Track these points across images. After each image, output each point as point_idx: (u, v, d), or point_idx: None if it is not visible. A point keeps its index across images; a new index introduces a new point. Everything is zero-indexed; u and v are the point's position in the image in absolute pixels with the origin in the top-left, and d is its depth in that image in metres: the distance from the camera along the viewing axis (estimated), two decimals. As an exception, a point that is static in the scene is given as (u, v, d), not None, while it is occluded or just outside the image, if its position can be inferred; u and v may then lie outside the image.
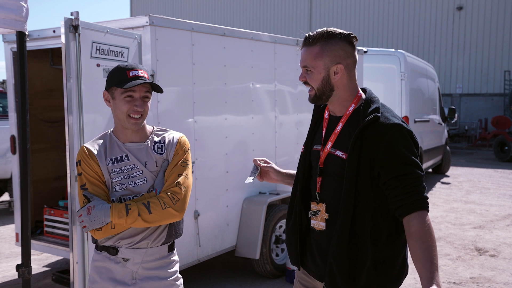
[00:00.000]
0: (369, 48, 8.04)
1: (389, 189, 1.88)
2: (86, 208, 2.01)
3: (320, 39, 1.95)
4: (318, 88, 1.98)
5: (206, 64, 4.43)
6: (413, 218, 1.84)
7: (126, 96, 2.05)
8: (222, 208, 4.69)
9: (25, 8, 3.06)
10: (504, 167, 14.20)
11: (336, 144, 1.99)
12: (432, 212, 8.26)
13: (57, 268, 5.36)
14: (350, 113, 2.00)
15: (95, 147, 2.13)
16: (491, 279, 5.09)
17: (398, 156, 1.87)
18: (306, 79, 2.00)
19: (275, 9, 27.50)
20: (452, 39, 22.79)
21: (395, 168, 1.86)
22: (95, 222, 1.99)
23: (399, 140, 1.88)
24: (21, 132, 3.15)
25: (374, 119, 1.90)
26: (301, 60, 2.01)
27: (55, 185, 5.36)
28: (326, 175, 2.01)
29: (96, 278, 2.15)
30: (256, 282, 4.96)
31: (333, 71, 1.95)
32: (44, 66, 5.15)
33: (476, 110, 22.19)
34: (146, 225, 2.03)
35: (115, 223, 2.00)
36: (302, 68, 2.01)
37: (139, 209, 1.99)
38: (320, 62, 1.94)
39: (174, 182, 2.07)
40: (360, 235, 1.91)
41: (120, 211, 1.98)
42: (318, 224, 2.03)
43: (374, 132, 1.89)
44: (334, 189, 1.97)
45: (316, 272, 2.06)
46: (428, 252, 1.79)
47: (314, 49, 1.95)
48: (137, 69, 2.08)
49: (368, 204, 1.91)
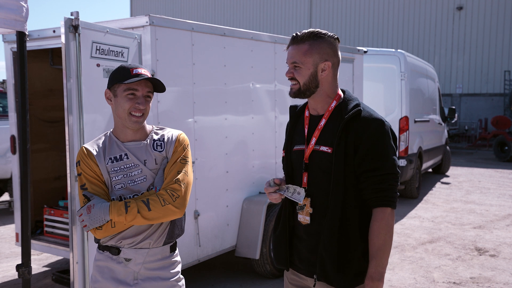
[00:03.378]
0: (369, 48, 8.04)
1: (361, 182, 1.98)
2: (86, 207, 2.01)
3: (308, 38, 2.04)
4: (304, 83, 2.04)
5: (206, 64, 4.43)
6: (375, 212, 1.97)
7: (128, 94, 2.06)
8: (222, 208, 4.69)
9: (25, 8, 3.06)
10: (504, 167, 14.20)
11: (320, 140, 2.05)
12: (432, 212, 8.26)
13: (57, 268, 5.36)
14: (332, 109, 2.08)
15: (94, 148, 2.13)
16: (491, 279, 5.09)
17: (376, 150, 1.97)
18: (293, 75, 2.06)
19: (275, 9, 27.49)
20: (452, 39, 22.79)
21: (371, 161, 1.96)
22: (95, 220, 1.99)
23: (380, 135, 1.98)
24: (21, 132, 3.14)
25: (357, 112, 2.00)
26: (289, 57, 2.07)
27: (55, 185, 5.36)
28: (312, 171, 2.07)
29: (98, 278, 2.15)
30: (256, 282, 4.96)
31: (321, 68, 2.04)
32: (44, 66, 5.15)
33: (476, 110, 22.19)
34: (146, 223, 2.03)
35: (115, 221, 2.00)
36: (290, 64, 2.07)
37: (138, 206, 1.99)
38: (309, 58, 2.02)
39: (174, 179, 2.07)
40: (350, 226, 1.98)
41: (119, 208, 1.98)
42: (304, 218, 2.09)
43: (357, 125, 1.98)
44: (320, 184, 2.04)
45: (304, 268, 2.11)
46: (377, 248, 1.94)
47: (303, 47, 2.03)
48: (140, 68, 2.10)
49: (356, 195, 2.00)
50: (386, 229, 1.94)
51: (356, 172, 1.98)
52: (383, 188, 1.95)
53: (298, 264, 2.14)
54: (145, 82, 2.09)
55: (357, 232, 1.98)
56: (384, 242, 1.94)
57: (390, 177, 1.96)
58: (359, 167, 1.97)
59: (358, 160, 1.96)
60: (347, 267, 1.97)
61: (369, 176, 1.96)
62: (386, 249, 1.95)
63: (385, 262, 1.97)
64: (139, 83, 2.07)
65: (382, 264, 1.95)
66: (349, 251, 1.98)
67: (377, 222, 1.95)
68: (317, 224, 2.04)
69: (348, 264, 1.97)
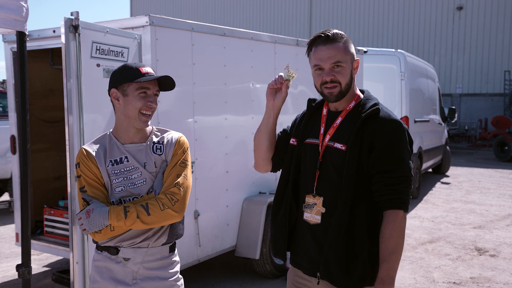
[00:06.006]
0: (369, 48, 8.04)
1: (374, 183, 1.94)
2: (85, 211, 2.01)
3: (339, 37, 1.99)
4: (346, 83, 2.00)
5: (206, 64, 4.43)
6: (387, 215, 1.92)
7: (141, 92, 2.06)
8: (222, 208, 4.69)
9: (25, 8, 3.06)
10: (504, 167, 14.20)
11: (334, 137, 2.01)
12: (432, 212, 8.26)
13: (57, 268, 5.36)
14: (351, 109, 2.04)
15: (94, 149, 2.12)
16: (491, 279, 5.09)
17: (392, 152, 1.93)
18: (335, 76, 1.97)
19: (275, 9, 27.49)
20: (452, 39, 22.79)
21: (385, 162, 1.92)
22: (94, 225, 1.99)
23: (396, 136, 1.94)
24: (21, 132, 3.14)
25: (375, 111, 1.96)
26: (325, 57, 1.97)
27: (55, 185, 5.36)
28: (325, 169, 2.02)
29: (97, 278, 2.15)
30: (256, 282, 4.96)
31: (354, 66, 2.03)
32: (44, 66, 5.15)
33: (476, 110, 22.19)
34: (145, 227, 2.03)
35: (114, 225, 2.00)
36: (331, 65, 1.96)
37: (138, 211, 1.99)
38: (348, 56, 2.00)
39: (173, 182, 2.06)
40: (358, 226, 1.94)
41: (118, 213, 1.98)
42: (312, 217, 2.03)
43: (374, 124, 1.94)
44: (333, 182, 1.99)
45: (308, 267, 2.06)
46: (389, 252, 1.89)
47: (340, 45, 1.99)
48: (146, 66, 2.11)
49: (366, 196, 1.95)
50: (398, 232, 1.89)
51: (369, 173, 1.93)
52: (396, 191, 1.91)
53: (301, 261, 2.10)
54: (154, 81, 2.11)
55: (365, 233, 1.94)
56: (396, 246, 1.89)
57: (403, 180, 1.92)
58: (373, 168, 1.92)
59: (372, 161, 1.92)
60: (353, 268, 1.93)
61: (383, 177, 1.91)
62: (398, 253, 1.91)
63: (397, 266, 1.92)
64: (150, 81, 2.08)
65: (394, 268, 1.90)
66: (356, 253, 1.93)
67: (389, 225, 1.90)
68: (327, 223, 1.98)
69: (353, 266, 1.93)
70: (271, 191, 5.15)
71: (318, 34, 2.01)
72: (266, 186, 5.15)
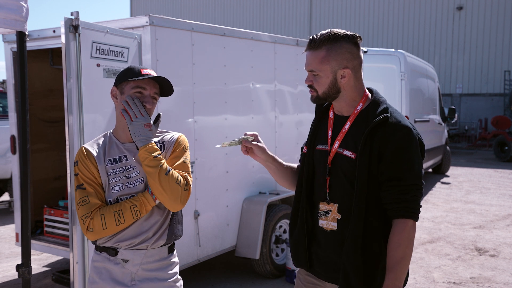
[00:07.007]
0: (369, 48, 8.05)
1: (383, 190, 1.90)
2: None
3: (325, 42, 1.91)
4: (323, 91, 1.96)
5: (206, 64, 4.43)
6: (396, 223, 1.88)
7: (136, 91, 2.06)
8: (222, 208, 4.69)
9: (25, 8, 3.06)
10: (504, 167, 14.20)
11: (343, 144, 1.97)
12: (432, 212, 8.26)
13: (57, 268, 5.36)
14: (358, 112, 1.98)
15: (94, 148, 2.12)
16: (491, 279, 5.09)
17: (401, 159, 1.87)
18: (312, 83, 1.96)
19: (275, 9, 27.49)
20: (452, 39, 22.79)
21: (395, 170, 1.87)
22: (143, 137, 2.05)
23: (406, 143, 1.89)
24: (21, 132, 3.14)
25: (384, 119, 1.89)
26: (306, 63, 1.97)
27: (55, 185, 5.36)
28: (335, 175, 1.98)
29: (95, 279, 2.14)
30: (256, 282, 4.96)
31: (340, 75, 1.93)
32: (44, 66, 5.15)
33: (476, 110, 22.19)
34: (160, 191, 2.00)
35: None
36: (308, 72, 1.97)
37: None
38: (326, 66, 1.92)
39: (186, 175, 2.09)
40: (373, 235, 1.90)
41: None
42: (328, 224, 1.99)
43: (383, 132, 1.88)
44: (344, 189, 1.96)
45: (326, 274, 2.02)
46: (396, 261, 1.84)
47: (320, 53, 1.92)
48: (150, 69, 2.12)
49: (380, 204, 1.91)
50: (406, 242, 1.84)
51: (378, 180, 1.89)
52: (405, 199, 1.85)
53: (317, 268, 2.05)
54: (153, 83, 2.10)
55: (382, 243, 1.90)
56: (403, 255, 1.85)
57: (413, 188, 1.86)
58: (382, 175, 1.88)
59: (382, 168, 1.87)
60: (371, 279, 1.90)
61: (392, 185, 1.86)
62: (405, 263, 1.86)
63: (403, 276, 1.87)
64: (148, 82, 2.08)
65: (400, 278, 1.85)
66: (373, 262, 1.89)
67: (397, 234, 1.85)
68: (344, 230, 1.95)
69: (372, 276, 1.90)
70: (271, 191, 5.15)
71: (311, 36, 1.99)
72: (266, 186, 5.15)
